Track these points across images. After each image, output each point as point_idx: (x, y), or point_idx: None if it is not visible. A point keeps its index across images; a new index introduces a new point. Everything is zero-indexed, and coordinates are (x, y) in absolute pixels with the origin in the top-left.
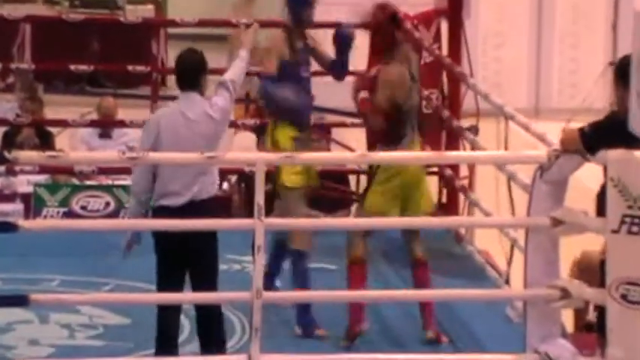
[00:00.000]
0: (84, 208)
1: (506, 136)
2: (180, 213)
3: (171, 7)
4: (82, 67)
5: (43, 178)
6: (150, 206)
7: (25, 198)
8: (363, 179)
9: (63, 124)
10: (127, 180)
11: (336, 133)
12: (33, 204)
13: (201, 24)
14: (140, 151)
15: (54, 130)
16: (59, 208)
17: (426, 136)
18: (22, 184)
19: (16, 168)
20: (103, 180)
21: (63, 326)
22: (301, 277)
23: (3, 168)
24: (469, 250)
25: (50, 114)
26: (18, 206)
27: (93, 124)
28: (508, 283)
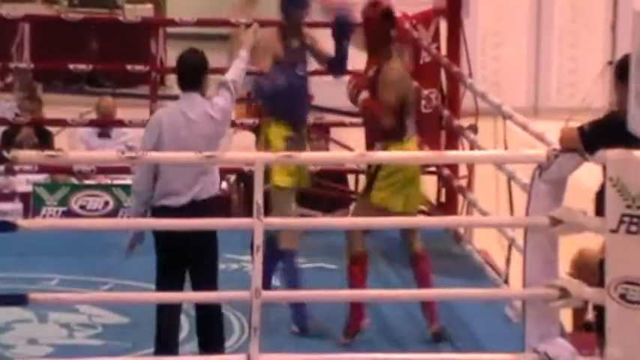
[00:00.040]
0: (83, 207)
1: (505, 136)
2: (181, 212)
3: (170, 6)
4: (81, 66)
5: (42, 177)
6: (150, 206)
7: (24, 197)
8: (361, 179)
9: (62, 123)
10: (126, 179)
11: (335, 132)
12: (32, 203)
13: (200, 23)
14: (143, 149)
15: (53, 130)
16: (58, 207)
17: (425, 136)
18: (21, 183)
19: (15, 167)
20: (101, 179)
21: (62, 325)
22: (291, 276)
23: (2, 167)
24: (468, 250)
25: (49, 113)
26: (17, 205)
27: (92, 123)
28: (507, 282)
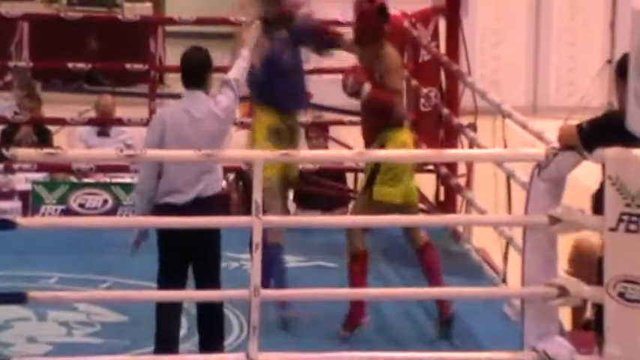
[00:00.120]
0: (82, 205)
1: (504, 134)
2: (185, 210)
3: (169, 5)
4: (80, 65)
5: (41, 175)
6: (154, 203)
7: (23, 195)
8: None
9: (61, 122)
10: (125, 178)
11: (334, 130)
12: (31, 201)
13: (200, 22)
14: (146, 148)
15: (52, 128)
16: (57, 205)
17: (424, 134)
18: (20, 181)
19: (14, 165)
20: (100, 178)
21: (61, 324)
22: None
23: (1, 166)
24: (467, 248)
25: (48, 112)
26: (16, 204)
27: (91, 122)
28: (504, 281)
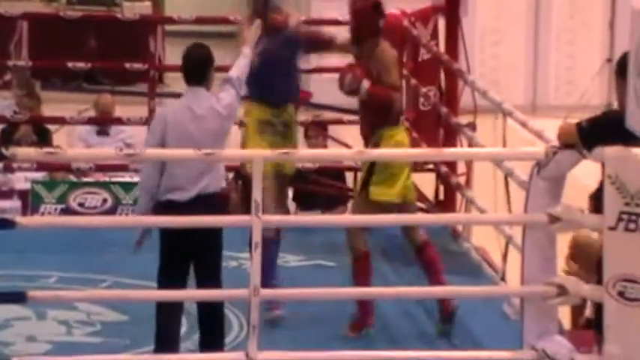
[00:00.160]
0: (81, 204)
1: (504, 133)
2: (187, 207)
3: (169, 4)
4: (80, 64)
5: (40, 175)
6: (157, 200)
7: (23, 195)
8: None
9: (60, 121)
10: (125, 177)
11: (333, 129)
12: (30, 201)
13: (199, 21)
14: (147, 147)
15: (51, 127)
16: (56, 204)
17: (424, 133)
18: (20, 180)
19: (14, 165)
20: (100, 177)
21: (60, 323)
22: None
23: (1, 165)
24: (466, 247)
25: (47, 111)
26: (15, 203)
27: (90, 121)
28: (504, 279)
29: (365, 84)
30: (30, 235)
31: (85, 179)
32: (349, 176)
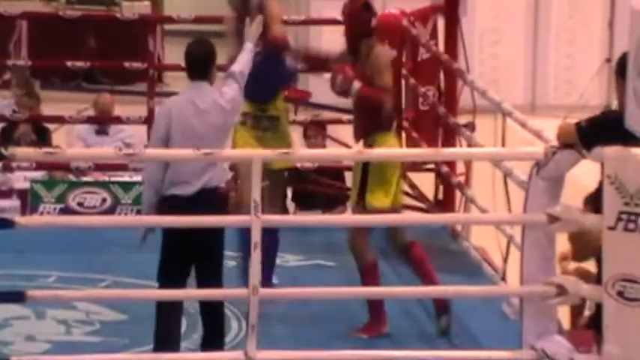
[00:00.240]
0: (80, 204)
1: (504, 133)
2: (191, 202)
3: (168, 3)
4: (79, 63)
5: (39, 174)
6: (161, 195)
7: (22, 194)
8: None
9: (60, 120)
10: (124, 176)
11: (332, 129)
12: (29, 200)
13: (198, 20)
14: (153, 141)
15: (51, 127)
16: (56, 204)
17: (423, 133)
18: (19, 180)
19: (13, 164)
20: (99, 176)
21: (59, 322)
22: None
23: (0, 164)
24: (465, 247)
25: (47, 110)
26: (14, 202)
27: (89, 120)
28: (504, 279)
29: (356, 85)
30: (29, 235)
31: (84, 179)
32: (348, 176)
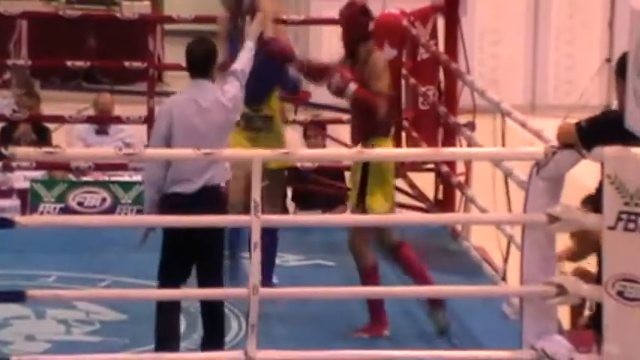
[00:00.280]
0: (80, 204)
1: (504, 133)
2: (193, 199)
3: (168, 3)
4: (79, 63)
5: (39, 174)
6: (163, 193)
7: (22, 194)
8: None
9: (60, 120)
10: (124, 176)
11: (332, 129)
12: (29, 200)
13: (198, 20)
14: (155, 139)
15: (51, 126)
16: (56, 204)
17: (423, 133)
18: (19, 179)
19: (13, 164)
20: (99, 176)
21: (59, 322)
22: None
23: (0, 164)
24: (465, 247)
25: (47, 110)
26: (14, 202)
27: (90, 120)
28: (504, 279)
29: (352, 86)
30: (29, 235)
31: (84, 178)
32: (348, 176)
